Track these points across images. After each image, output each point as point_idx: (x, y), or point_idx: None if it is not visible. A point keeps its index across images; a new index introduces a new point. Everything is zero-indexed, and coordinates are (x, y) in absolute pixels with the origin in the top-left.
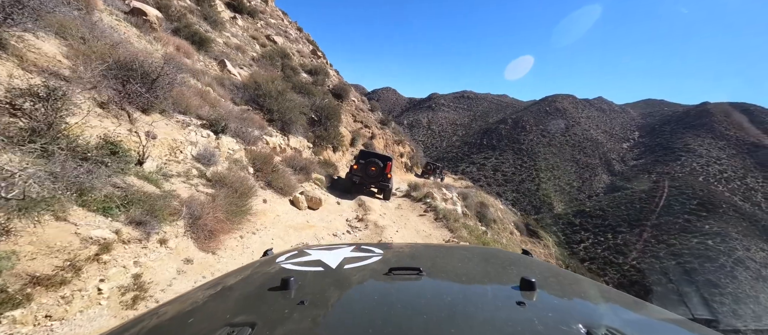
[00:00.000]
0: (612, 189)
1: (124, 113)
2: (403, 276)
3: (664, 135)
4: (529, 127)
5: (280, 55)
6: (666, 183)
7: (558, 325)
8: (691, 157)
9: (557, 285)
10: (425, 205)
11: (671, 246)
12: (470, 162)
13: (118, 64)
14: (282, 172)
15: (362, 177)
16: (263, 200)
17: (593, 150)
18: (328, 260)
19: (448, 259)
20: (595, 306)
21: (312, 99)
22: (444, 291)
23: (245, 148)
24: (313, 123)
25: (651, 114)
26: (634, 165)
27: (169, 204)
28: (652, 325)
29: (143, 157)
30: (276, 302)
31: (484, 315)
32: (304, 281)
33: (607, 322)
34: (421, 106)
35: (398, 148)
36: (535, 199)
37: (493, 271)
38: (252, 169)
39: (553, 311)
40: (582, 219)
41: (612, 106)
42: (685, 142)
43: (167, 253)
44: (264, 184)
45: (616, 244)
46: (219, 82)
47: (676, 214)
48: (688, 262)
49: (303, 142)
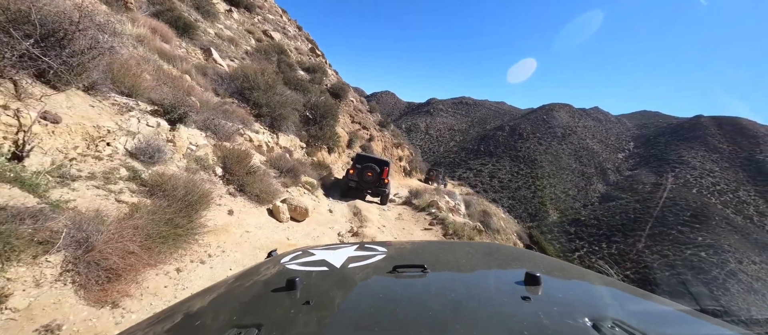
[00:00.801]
0: (607, 198)
1: (8, 83)
2: (408, 274)
3: (659, 146)
4: (526, 134)
5: (277, 51)
6: (669, 181)
7: (564, 319)
8: (684, 169)
9: (562, 279)
10: (431, 216)
11: (665, 257)
12: (467, 167)
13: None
14: (261, 175)
15: (358, 183)
16: (229, 211)
17: (589, 159)
18: (332, 260)
19: (452, 256)
20: (601, 299)
21: (307, 96)
22: (448, 287)
23: (216, 143)
24: (307, 121)
25: (646, 125)
26: (629, 175)
27: (40, 227)
28: (658, 316)
29: (23, 148)
30: (282, 303)
31: (490, 310)
32: (309, 281)
33: (613, 315)
34: (419, 111)
35: (397, 152)
36: (531, 207)
37: (497, 267)
38: (220, 170)
39: (558, 305)
40: (577, 227)
41: (608, 116)
42: (679, 153)
43: (6, 320)
44: (235, 190)
45: (611, 253)
46: (201, 70)
47: (670, 225)
48: (682, 273)
49: (295, 141)
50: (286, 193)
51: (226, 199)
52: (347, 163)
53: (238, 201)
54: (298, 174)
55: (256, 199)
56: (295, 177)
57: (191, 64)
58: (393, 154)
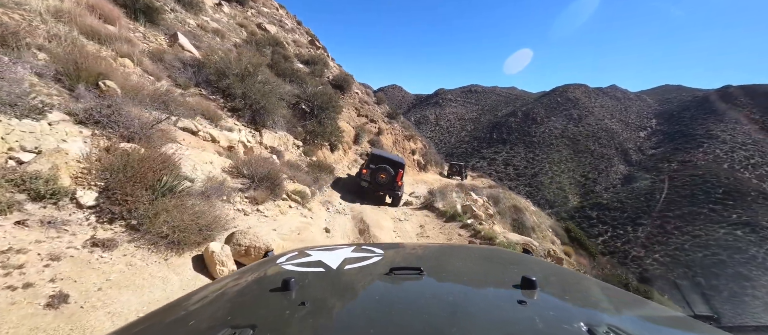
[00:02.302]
0: (630, 179)
1: None
2: (404, 276)
3: (684, 121)
4: (541, 118)
5: (271, 43)
6: (697, 158)
7: (560, 324)
8: (714, 144)
9: (558, 283)
10: (467, 229)
11: (696, 238)
12: (480, 157)
13: None
14: (193, 197)
15: (371, 183)
16: (96, 286)
17: (608, 140)
18: (328, 261)
19: (449, 259)
20: (597, 304)
21: (303, 87)
22: (445, 290)
23: (109, 145)
24: (304, 116)
25: (668, 100)
26: (652, 154)
27: None
28: (653, 322)
29: None
30: (277, 303)
31: (486, 314)
32: (304, 282)
33: (609, 320)
34: (428, 103)
35: (409, 145)
36: (549, 193)
37: (494, 270)
38: (94, 195)
39: (554, 309)
40: (599, 211)
41: (626, 93)
42: (707, 127)
43: None
44: (123, 230)
45: (637, 237)
46: (157, 56)
47: (701, 204)
48: (716, 254)
49: (287, 139)
50: (242, 219)
51: (93, 257)
52: (355, 161)
53: (120, 257)
54: (278, 184)
55: (170, 245)
56: (273, 189)
57: (139, 49)
58: (405, 148)
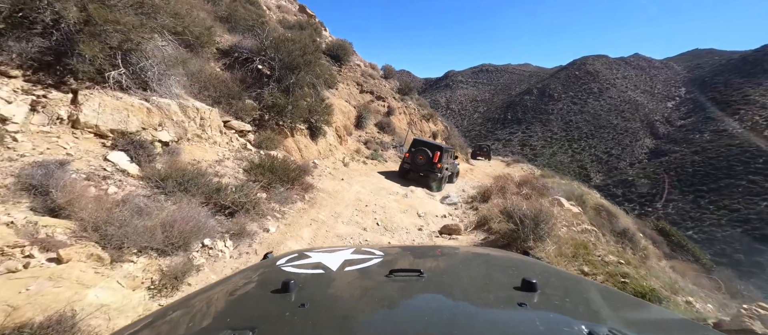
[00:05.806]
0: (658, 153)
1: None
2: (404, 278)
3: (717, 87)
4: (558, 95)
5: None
6: (733, 125)
7: (560, 326)
8: (752, 109)
9: (558, 286)
10: None
11: (735, 212)
12: (495, 138)
13: None
14: None
15: (412, 165)
16: None
17: (632, 113)
18: (328, 262)
19: (449, 261)
20: (597, 306)
21: (260, 37)
22: (445, 292)
23: None
24: (260, 79)
25: (699, 66)
26: (681, 125)
27: None
28: (653, 324)
29: None
30: (276, 305)
31: (486, 316)
32: (304, 284)
33: (609, 323)
34: (438, 86)
35: (428, 126)
36: (570, 172)
37: (493, 273)
38: None
39: (554, 311)
40: (624, 189)
41: (651, 62)
42: (744, 92)
43: None
44: None
45: (668, 213)
46: None
47: (739, 176)
48: (758, 228)
49: (206, 116)
50: None
51: None
52: (357, 150)
53: None
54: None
55: None
56: (119, 252)
57: None
58: (423, 129)
